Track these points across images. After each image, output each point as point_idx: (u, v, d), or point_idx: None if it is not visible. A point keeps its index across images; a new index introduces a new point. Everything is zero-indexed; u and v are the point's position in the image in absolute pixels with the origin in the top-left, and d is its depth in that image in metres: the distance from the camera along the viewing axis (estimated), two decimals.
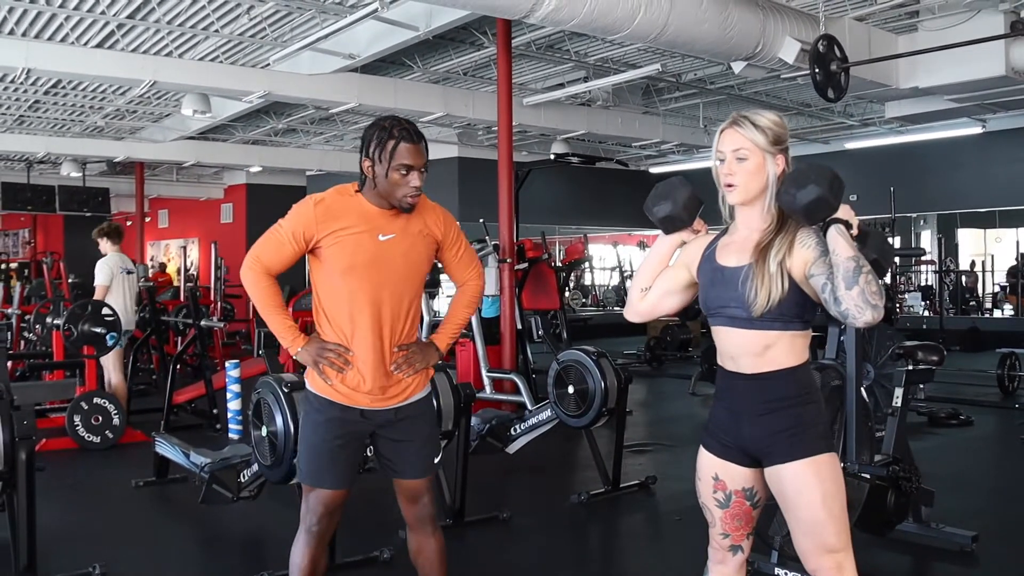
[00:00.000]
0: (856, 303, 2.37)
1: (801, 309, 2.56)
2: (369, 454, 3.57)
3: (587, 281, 22.54)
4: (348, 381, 3.21)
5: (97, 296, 8.20)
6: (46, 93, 12.78)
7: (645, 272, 2.87)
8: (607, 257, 22.40)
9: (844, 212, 2.50)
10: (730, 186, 2.62)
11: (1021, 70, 10.06)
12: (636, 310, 2.88)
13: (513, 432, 6.31)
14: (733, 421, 2.67)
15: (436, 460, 3.37)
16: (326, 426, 3.24)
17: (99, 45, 10.10)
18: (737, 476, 2.69)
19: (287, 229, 3.18)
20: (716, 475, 2.72)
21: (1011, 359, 10.20)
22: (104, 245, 8.60)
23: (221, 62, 10.95)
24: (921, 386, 7.22)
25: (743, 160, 2.59)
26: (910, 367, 4.96)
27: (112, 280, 8.33)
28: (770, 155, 2.60)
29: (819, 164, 2.53)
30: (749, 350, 2.60)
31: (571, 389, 5.95)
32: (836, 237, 2.44)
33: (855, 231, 2.49)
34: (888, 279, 12.01)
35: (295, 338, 3.19)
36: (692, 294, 2.82)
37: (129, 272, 8.61)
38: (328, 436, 3.23)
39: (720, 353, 2.71)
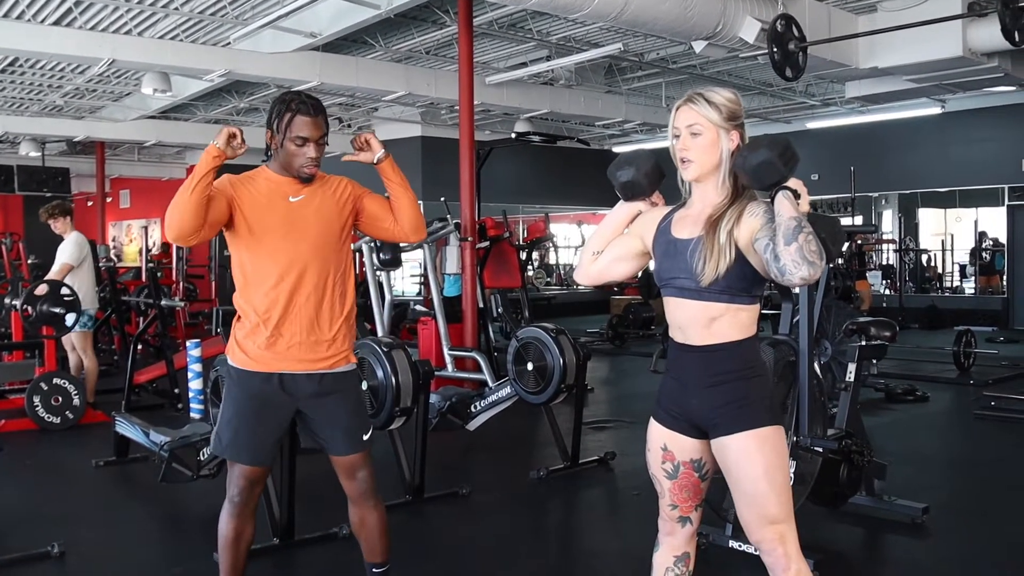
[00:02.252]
0: (793, 258, 2.39)
1: (748, 283, 2.60)
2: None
3: (551, 260, 22.56)
4: (268, 344, 3.27)
5: (59, 275, 7.85)
6: (2, 71, 12.60)
7: (599, 237, 2.91)
8: (571, 236, 22.43)
9: (795, 183, 2.54)
10: (685, 161, 2.66)
11: (978, 51, 10.19)
12: (586, 272, 2.92)
13: (473, 409, 6.35)
14: (681, 393, 2.71)
15: (366, 437, 3.41)
16: (247, 402, 3.31)
17: (56, 23, 9.98)
18: (685, 447, 2.73)
19: None
20: (665, 446, 2.76)
21: (967, 336, 10.35)
22: (61, 225, 8.28)
23: (181, 40, 10.83)
24: (874, 361, 7.31)
25: (697, 135, 2.63)
26: (863, 342, 5.04)
27: (83, 260, 8.14)
28: (724, 131, 2.63)
29: (779, 136, 2.59)
30: (696, 321, 2.64)
31: (530, 366, 5.98)
32: (781, 200, 2.48)
33: (804, 205, 2.53)
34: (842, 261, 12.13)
35: (206, 154, 3.19)
36: (642, 263, 2.87)
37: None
38: (248, 412, 3.30)
39: (671, 325, 2.75)
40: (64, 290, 7.58)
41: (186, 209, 3.13)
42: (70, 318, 7.55)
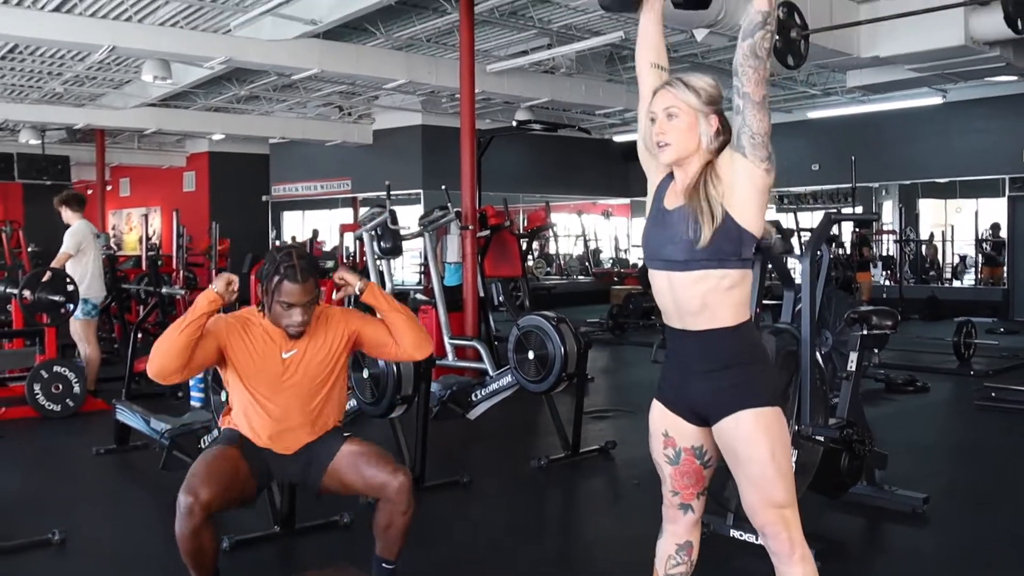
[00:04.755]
0: (744, 53, 2.50)
1: (736, 244, 2.54)
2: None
3: (551, 250, 22.54)
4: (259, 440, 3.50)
5: (57, 263, 7.91)
6: (2, 58, 12.56)
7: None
8: (572, 226, 22.39)
9: None
10: (661, 145, 2.59)
11: (980, 40, 10.14)
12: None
13: (474, 398, 6.34)
14: (681, 378, 2.69)
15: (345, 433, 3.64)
16: (231, 433, 3.54)
17: (56, 9, 9.93)
18: (686, 433, 2.72)
19: None
20: (666, 431, 2.75)
21: (967, 327, 10.32)
22: (66, 214, 8.27)
23: (181, 27, 10.79)
24: (876, 351, 7.31)
25: (674, 116, 2.57)
26: (864, 332, 5.03)
27: (79, 249, 8.06)
28: (703, 115, 2.57)
29: None
30: (688, 300, 2.59)
31: (531, 354, 5.96)
32: None
33: None
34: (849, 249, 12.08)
35: (202, 297, 3.27)
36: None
37: (97, 236, 8.47)
38: (229, 436, 3.54)
39: (664, 311, 2.71)
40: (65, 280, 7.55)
41: (172, 347, 3.22)
42: (81, 307, 7.53)
